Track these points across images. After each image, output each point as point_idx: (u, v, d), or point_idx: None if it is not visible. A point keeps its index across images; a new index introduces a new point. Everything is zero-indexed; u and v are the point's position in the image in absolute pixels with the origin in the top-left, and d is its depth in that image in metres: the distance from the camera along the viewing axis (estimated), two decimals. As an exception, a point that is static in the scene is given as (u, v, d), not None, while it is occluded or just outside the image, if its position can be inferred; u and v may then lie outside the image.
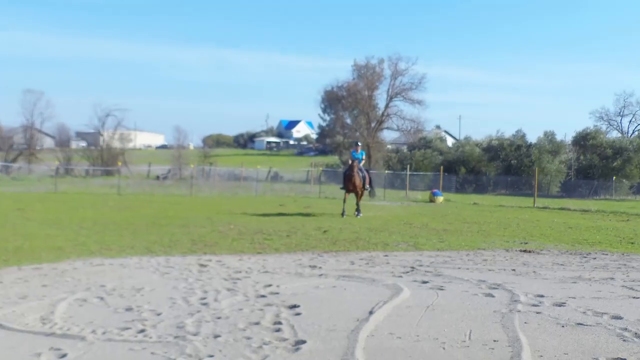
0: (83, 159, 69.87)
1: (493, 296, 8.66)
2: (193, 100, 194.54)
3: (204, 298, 8.32)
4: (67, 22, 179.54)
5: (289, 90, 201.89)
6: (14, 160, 63.49)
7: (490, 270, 11.04)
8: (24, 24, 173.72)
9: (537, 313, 7.64)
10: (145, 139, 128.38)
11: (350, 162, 23.75)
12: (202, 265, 11.05)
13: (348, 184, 23.14)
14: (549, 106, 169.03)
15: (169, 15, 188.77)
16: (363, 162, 24.25)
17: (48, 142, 77.56)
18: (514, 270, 11.08)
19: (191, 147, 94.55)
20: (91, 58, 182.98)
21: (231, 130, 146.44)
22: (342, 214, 22.72)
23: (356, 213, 22.85)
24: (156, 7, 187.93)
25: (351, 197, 23.83)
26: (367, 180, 23.82)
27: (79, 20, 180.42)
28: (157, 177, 61.11)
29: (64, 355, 5.88)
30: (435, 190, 37.83)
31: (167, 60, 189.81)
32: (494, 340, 6.45)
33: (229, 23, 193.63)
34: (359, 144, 25.57)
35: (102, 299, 8.26)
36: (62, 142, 74.47)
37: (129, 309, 7.65)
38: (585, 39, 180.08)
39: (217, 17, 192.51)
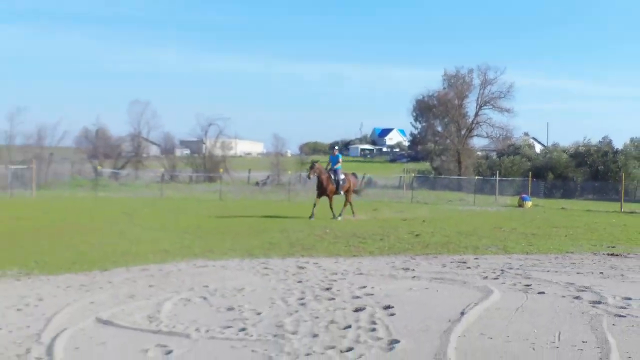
0: (187, 165, 71.18)
1: (581, 298, 8.48)
2: (292, 110, 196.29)
3: (302, 298, 8.39)
4: (176, 39, 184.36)
5: (382, 100, 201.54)
6: (122, 167, 65.34)
7: (578, 273, 10.79)
8: (142, 42, 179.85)
9: (625, 315, 7.45)
10: (245, 146, 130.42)
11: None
12: (300, 268, 11.16)
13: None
14: (636, 112, 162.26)
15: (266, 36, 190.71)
16: (339, 163, 23.98)
17: (154, 150, 79.35)
18: (601, 273, 10.81)
19: (289, 154, 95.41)
20: (195, 71, 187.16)
21: (327, 138, 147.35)
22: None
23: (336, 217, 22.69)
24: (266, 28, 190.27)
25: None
26: (348, 183, 23.87)
27: (187, 38, 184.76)
28: (257, 183, 61.65)
29: (170, 352, 6.04)
30: (524, 195, 37.10)
31: (267, 73, 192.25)
32: (583, 342, 6.35)
33: (334, 40, 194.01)
34: (336, 147, 25.13)
35: (205, 298, 8.44)
36: (167, 150, 76.08)
37: (230, 309, 7.79)
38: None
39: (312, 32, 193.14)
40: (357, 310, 7.68)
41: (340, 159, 24.24)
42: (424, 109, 74.04)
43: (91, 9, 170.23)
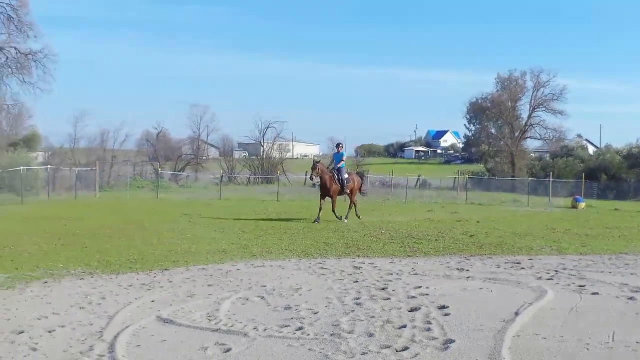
0: (245, 167, 71.86)
1: (635, 299, 8.36)
2: (348, 113, 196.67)
3: (358, 298, 8.37)
4: (233, 44, 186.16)
5: (437, 102, 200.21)
6: (182, 169, 66.31)
7: (632, 274, 10.61)
8: (201, 48, 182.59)
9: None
10: (302, 149, 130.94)
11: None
12: (355, 268, 11.14)
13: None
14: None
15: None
16: (342, 162, 22.43)
17: (213, 152, 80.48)
18: (656, 274, 10.56)
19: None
20: (253, 75, 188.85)
21: (382, 140, 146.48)
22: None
23: (343, 218, 21.25)
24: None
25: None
26: (352, 183, 22.38)
27: (245, 43, 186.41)
28: (313, 185, 61.78)
29: (228, 350, 6.07)
30: (577, 197, 36.58)
31: (327, 76, 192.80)
32: (637, 342, 6.27)
33: (390, 45, 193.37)
34: (341, 144, 23.57)
35: (262, 297, 8.48)
36: (226, 152, 76.81)
37: (287, 308, 7.81)
38: None
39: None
40: (412, 310, 7.63)
41: (344, 157, 22.84)
42: (477, 111, 74.22)
43: (150, 16, 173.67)
